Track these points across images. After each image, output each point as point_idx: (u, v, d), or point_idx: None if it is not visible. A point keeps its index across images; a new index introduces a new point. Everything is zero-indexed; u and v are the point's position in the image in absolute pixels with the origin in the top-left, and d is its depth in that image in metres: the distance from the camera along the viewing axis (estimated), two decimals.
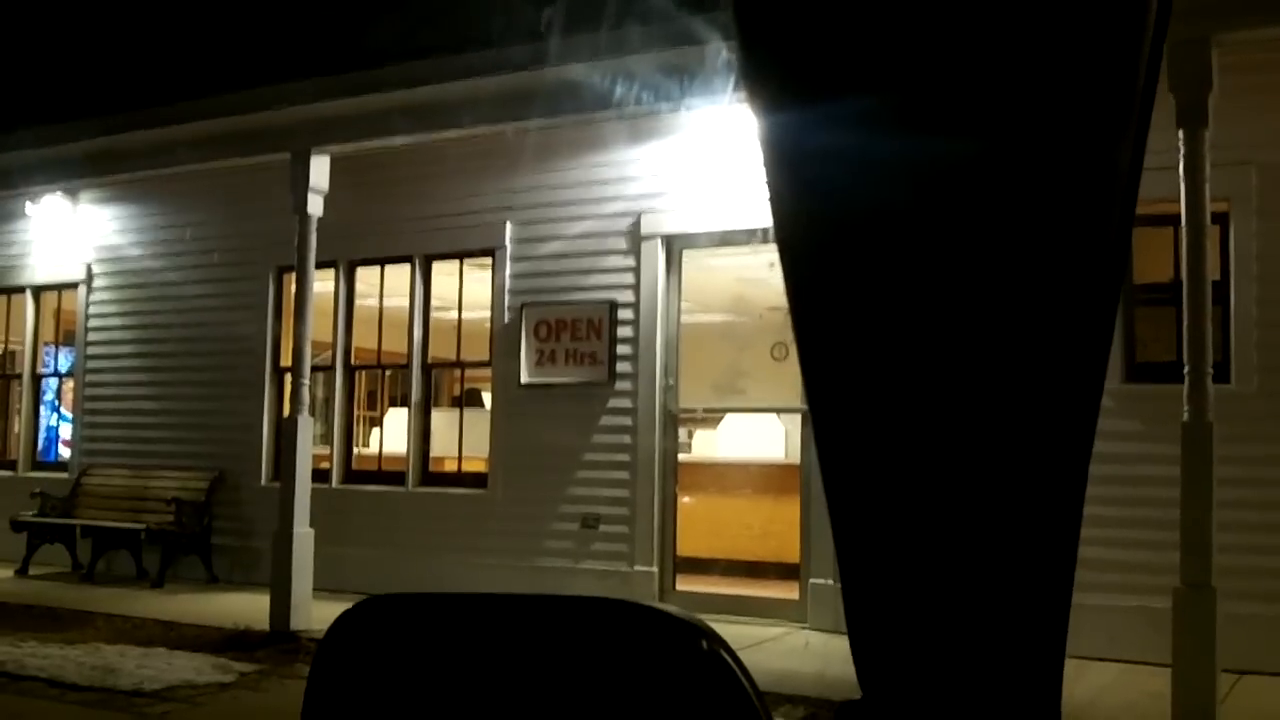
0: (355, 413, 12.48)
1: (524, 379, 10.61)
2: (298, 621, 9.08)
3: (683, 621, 1.04)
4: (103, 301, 13.43)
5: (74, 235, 13.59)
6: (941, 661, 1.09)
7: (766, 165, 1.14)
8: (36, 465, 14.04)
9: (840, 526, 1.14)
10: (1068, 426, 1.09)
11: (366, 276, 11.98)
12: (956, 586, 1.10)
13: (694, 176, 10.00)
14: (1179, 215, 6.67)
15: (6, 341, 14.90)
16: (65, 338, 14.47)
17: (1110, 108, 1.04)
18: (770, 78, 1.13)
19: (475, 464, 11.25)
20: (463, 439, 11.41)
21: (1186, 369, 6.63)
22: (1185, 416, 6.60)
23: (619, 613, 1.09)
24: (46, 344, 14.55)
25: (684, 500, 10.38)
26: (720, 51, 7.55)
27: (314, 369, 10.19)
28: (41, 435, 14.39)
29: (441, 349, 11.78)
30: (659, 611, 1.06)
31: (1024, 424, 1.08)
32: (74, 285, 13.65)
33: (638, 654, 1.05)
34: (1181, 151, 6.60)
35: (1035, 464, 1.09)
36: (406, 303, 11.54)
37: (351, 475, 11.77)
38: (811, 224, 1.12)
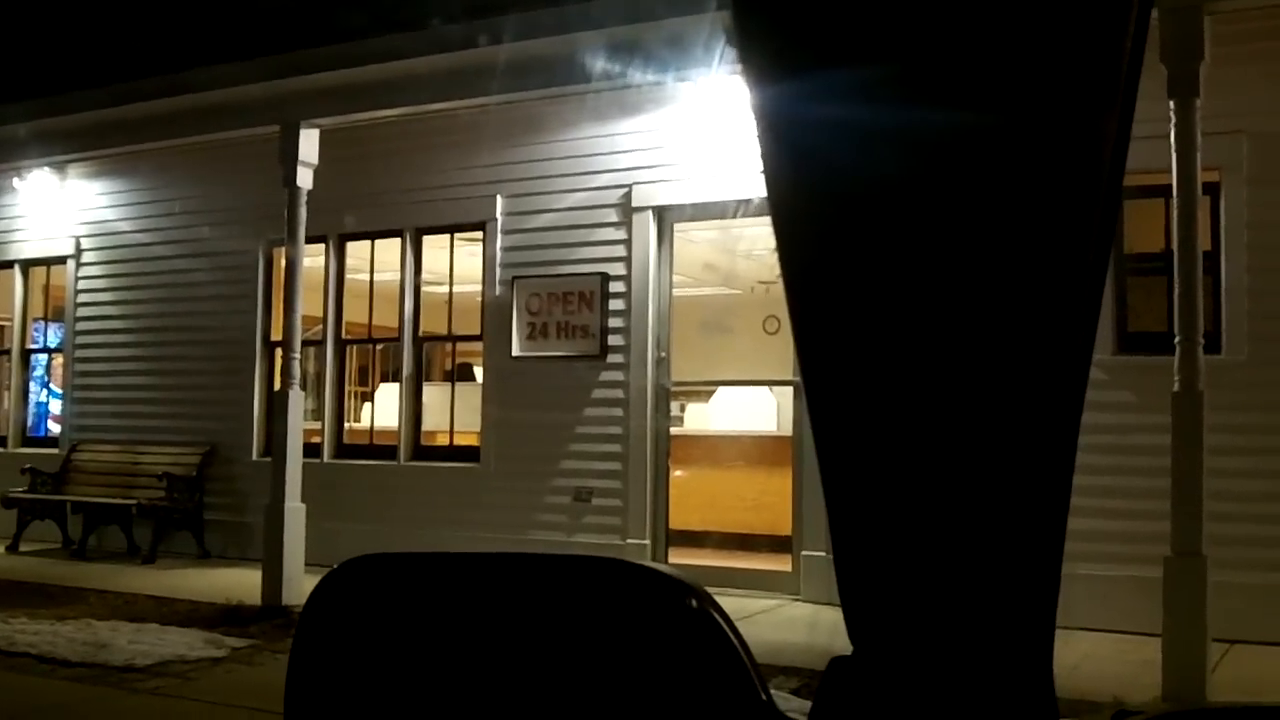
0: (346, 387, 12.47)
1: (515, 352, 10.60)
2: (290, 596, 9.08)
3: (673, 580, 1.04)
4: (92, 276, 13.38)
5: (62, 210, 13.53)
6: (932, 621, 1.09)
7: (761, 135, 1.14)
8: (27, 441, 14.02)
9: (833, 493, 1.14)
10: (1058, 392, 1.09)
11: (357, 250, 11.95)
12: (948, 550, 1.10)
13: (686, 149, 9.96)
14: (1170, 185, 6.66)
15: None
16: (54, 313, 14.41)
17: (1097, 77, 1.04)
18: (765, 48, 1.13)
19: (467, 438, 11.24)
20: (454, 413, 11.41)
21: (1178, 339, 6.63)
22: (1176, 386, 6.61)
23: (610, 571, 1.08)
24: (35, 319, 14.51)
25: (676, 473, 10.39)
26: (715, 20, 7.52)
27: (305, 343, 10.16)
28: (31, 411, 14.36)
29: (433, 323, 11.77)
30: (650, 569, 1.06)
31: (1015, 391, 1.08)
32: (63, 260, 13.61)
33: (628, 611, 1.04)
34: (1173, 121, 6.59)
35: (1026, 431, 1.09)
36: (397, 277, 11.52)
37: (343, 450, 11.77)
38: (805, 194, 1.12)
